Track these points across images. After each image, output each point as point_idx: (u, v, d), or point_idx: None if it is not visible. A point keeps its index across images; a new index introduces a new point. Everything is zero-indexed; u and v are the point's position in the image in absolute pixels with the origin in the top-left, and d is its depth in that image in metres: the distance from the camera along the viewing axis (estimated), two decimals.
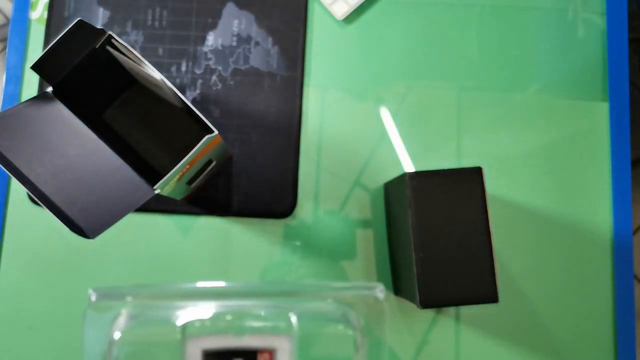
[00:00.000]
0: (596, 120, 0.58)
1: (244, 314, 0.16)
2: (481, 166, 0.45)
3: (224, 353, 0.16)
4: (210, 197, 0.56)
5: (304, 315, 0.16)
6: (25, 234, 0.56)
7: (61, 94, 0.44)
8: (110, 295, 0.17)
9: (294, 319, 0.16)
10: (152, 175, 0.42)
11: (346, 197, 0.57)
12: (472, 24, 0.59)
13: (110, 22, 0.58)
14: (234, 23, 0.59)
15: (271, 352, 0.16)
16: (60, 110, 0.43)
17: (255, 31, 0.58)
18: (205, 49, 0.58)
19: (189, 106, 0.41)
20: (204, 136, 0.40)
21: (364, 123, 0.57)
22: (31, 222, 0.56)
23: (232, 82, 0.58)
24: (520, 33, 0.59)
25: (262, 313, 0.16)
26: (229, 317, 0.16)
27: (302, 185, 0.57)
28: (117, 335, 0.16)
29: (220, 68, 0.58)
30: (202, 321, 0.16)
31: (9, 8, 1.25)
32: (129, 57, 0.43)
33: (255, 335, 0.16)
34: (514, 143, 0.57)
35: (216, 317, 0.16)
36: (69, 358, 0.54)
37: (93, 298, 0.17)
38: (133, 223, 0.56)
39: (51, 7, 0.58)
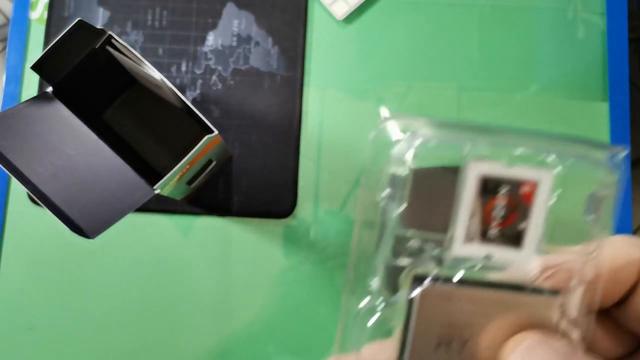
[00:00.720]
0: (596, 120, 0.58)
1: (516, 149, 0.18)
2: None
3: (494, 180, 0.18)
4: (210, 197, 0.56)
5: (561, 158, 0.19)
6: (25, 234, 0.56)
7: (61, 94, 0.44)
8: (401, 118, 0.19)
9: (554, 159, 0.18)
10: (152, 175, 0.42)
11: (346, 197, 0.57)
12: (472, 24, 0.59)
13: (110, 22, 0.58)
14: (234, 23, 0.59)
15: (534, 184, 0.18)
16: (60, 110, 0.43)
17: (255, 31, 0.58)
18: (205, 49, 0.58)
19: (189, 106, 0.41)
20: (204, 136, 0.40)
21: (364, 123, 0.57)
22: (31, 222, 0.56)
23: (232, 82, 0.58)
24: (520, 33, 0.59)
25: (530, 151, 0.18)
26: (503, 150, 0.18)
27: (302, 185, 0.57)
28: (400, 152, 0.18)
29: (220, 68, 0.58)
30: (481, 149, 0.18)
31: (9, 8, 1.25)
32: (129, 57, 0.43)
33: (522, 168, 0.18)
34: None
35: (493, 148, 0.18)
36: (69, 358, 0.54)
37: (385, 116, 0.19)
38: (133, 223, 0.56)
39: (51, 7, 0.58)
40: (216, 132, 0.41)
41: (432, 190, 0.19)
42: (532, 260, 0.19)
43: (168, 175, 0.40)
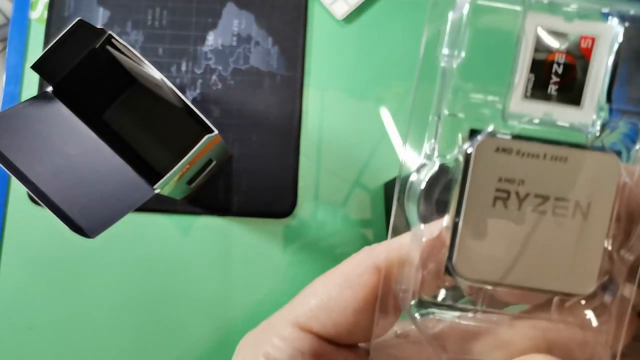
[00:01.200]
0: None
1: (573, 6, 0.18)
2: None
3: (552, 34, 0.18)
4: (210, 197, 0.56)
5: (621, 17, 0.18)
6: (25, 234, 0.56)
7: (61, 94, 0.44)
8: None
9: (613, 16, 0.18)
10: (152, 175, 0.42)
11: (346, 197, 0.57)
12: None
13: (110, 22, 0.58)
14: (234, 23, 0.59)
15: (593, 39, 0.18)
16: (60, 110, 0.43)
17: (255, 31, 0.59)
18: (205, 48, 0.58)
19: (189, 106, 0.41)
20: (204, 136, 0.40)
21: (364, 123, 0.57)
22: (31, 222, 0.56)
23: (232, 82, 0.58)
24: None
25: (588, 8, 0.18)
26: (561, 8, 0.18)
27: (302, 185, 0.57)
28: (459, 3, 0.18)
29: (220, 68, 0.58)
30: (541, 2, 0.18)
31: (9, 8, 1.25)
32: (129, 57, 0.43)
33: (581, 22, 0.18)
34: None
35: (552, 6, 0.18)
36: (69, 358, 0.54)
37: None
38: (133, 223, 0.56)
39: (51, 7, 0.58)
40: (216, 131, 0.41)
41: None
42: (592, 118, 0.18)
43: (168, 175, 0.40)
